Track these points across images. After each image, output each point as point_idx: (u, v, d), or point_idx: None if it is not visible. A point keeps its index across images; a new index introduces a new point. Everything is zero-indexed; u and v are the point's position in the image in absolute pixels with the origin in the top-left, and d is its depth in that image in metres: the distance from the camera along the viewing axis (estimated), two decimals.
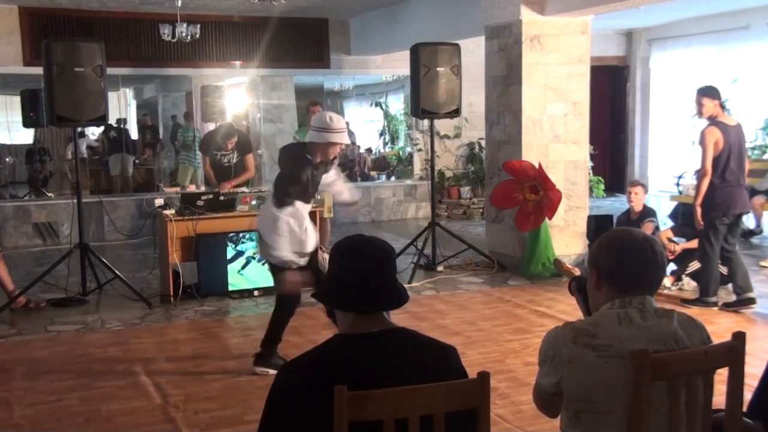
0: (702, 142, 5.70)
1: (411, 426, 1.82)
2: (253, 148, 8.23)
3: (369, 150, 16.73)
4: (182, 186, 12.73)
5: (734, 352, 2.07)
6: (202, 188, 10.11)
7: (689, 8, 10.06)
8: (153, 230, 7.62)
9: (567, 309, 5.80)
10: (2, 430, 3.91)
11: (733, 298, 5.88)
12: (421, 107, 7.44)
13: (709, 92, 5.77)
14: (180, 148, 13.54)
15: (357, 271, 1.99)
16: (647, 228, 6.52)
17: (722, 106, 5.87)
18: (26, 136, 15.56)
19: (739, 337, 2.08)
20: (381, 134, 16.71)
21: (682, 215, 8.39)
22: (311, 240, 4.54)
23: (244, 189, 7.43)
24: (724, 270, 5.99)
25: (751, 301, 5.75)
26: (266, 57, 11.03)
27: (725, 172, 5.65)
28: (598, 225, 7.01)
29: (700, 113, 5.82)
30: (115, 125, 13.56)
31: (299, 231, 4.45)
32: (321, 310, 5.17)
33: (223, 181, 7.64)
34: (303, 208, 4.54)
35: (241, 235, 6.43)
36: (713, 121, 5.71)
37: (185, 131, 13.51)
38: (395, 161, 14.72)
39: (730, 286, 6.04)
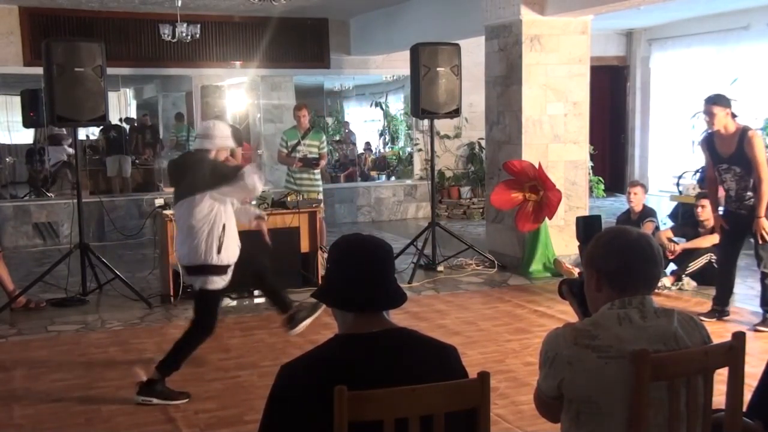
0: (753, 150, 5.18)
1: (411, 426, 1.82)
2: (242, 143, 8.23)
3: (368, 144, 16.70)
4: None
5: (734, 352, 2.07)
6: None
7: (689, 8, 10.06)
8: (153, 230, 7.63)
9: (567, 309, 5.76)
10: (2, 430, 3.91)
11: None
12: (421, 107, 7.44)
13: (719, 100, 5.28)
14: (173, 148, 13.54)
15: (356, 270, 1.98)
16: (647, 228, 6.53)
17: (733, 115, 5.34)
18: (26, 136, 15.56)
19: (739, 337, 2.08)
20: (381, 134, 16.72)
21: (682, 215, 8.40)
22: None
23: None
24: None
25: None
26: (266, 57, 11.03)
27: None
28: (586, 226, 7.00)
29: (711, 124, 5.32)
30: (122, 124, 13.60)
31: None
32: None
33: None
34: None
35: None
36: (747, 129, 5.27)
37: (179, 131, 13.52)
38: (395, 161, 14.72)
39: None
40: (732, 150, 5.32)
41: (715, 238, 6.14)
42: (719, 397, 2.11)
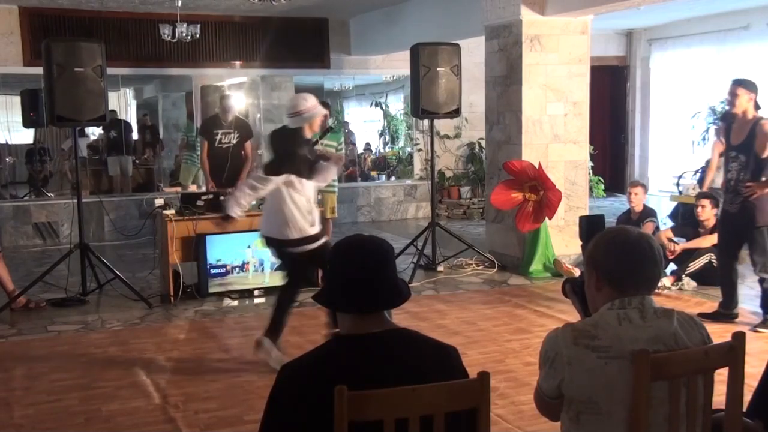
0: (763, 134, 5.10)
1: (411, 426, 1.82)
2: (252, 135, 8.28)
3: (368, 145, 16.70)
4: (184, 186, 12.72)
5: (734, 352, 2.07)
6: (203, 188, 10.12)
7: (689, 8, 10.06)
8: (153, 230, 7.63)
9: (567, 309, 5.79)
10: (2, 430, 3.91)
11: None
12: (421, 107, 7.44)
13: (746, 84, 5.19)
14: (183, 148, 13.53)
15: (354, 271, 1.99)
16: (647, 228, 6.53)
17: (757, 105, 5.25)
18: (26, 136, 15.55)
19: (739, 337, 2.08)
20: (381, 134, 16.71)
21: (682, 215, 8.40)
22: (316, 215, 4.74)
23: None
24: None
25: None
26: (266, 57, 11.04)
27: None
28: (589, 225, 6.99)
29: (732, 104, 5.23)
30: (128, 120, 13.64)
31: (307, 204, 4.64)
32: (321, 310, 5.16)
33: (219, 170, 7.66)
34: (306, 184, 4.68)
35: None
36: (761, 117, 5.18)
37: (188, 130, 13.49)
38: (395, 161, 14.72)
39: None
40: (743, 138, 5.27)
41: (714, 238, 6.14)
42: (719, 398, 2.11)
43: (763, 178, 5.18)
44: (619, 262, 2.05)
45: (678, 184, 9.45)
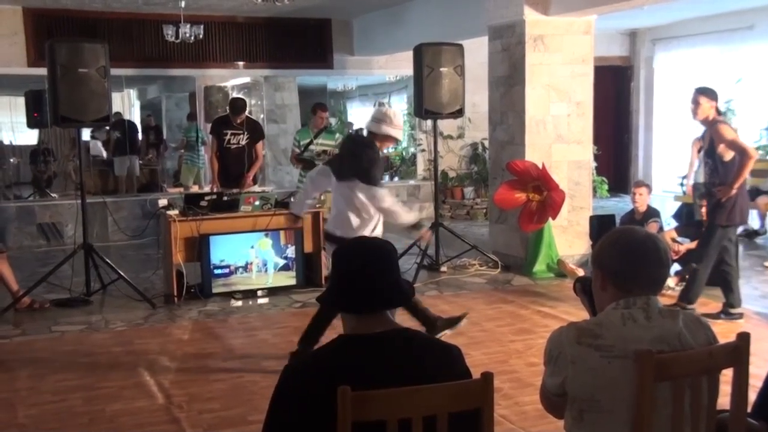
0: (722, 137, 5.35)
1: (414, 426, 1.82)
2: (264, 136, 8.30)
3: None
4: (185, 186, 12.74)
5: (739, 352, 2.06)
6: (206, 189, 10.13)
7: (693, 8, 10.04)
8: (157, 231, 7.64)
9: (570, 309, 5.79)
10: (6, 430, 3.92)
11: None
12: (424, 107, 7.43)
13: (708, 92, 5.48)
14: (184, 149, 13.55)
15: (356, 272, 2.00)
16: (651, 228, 6.50)
17: (718, 111, 5.55)
18: (30, 137, 15.58)
19: (744, 338, 2.07)
20: None
21: (686, 215, 8.39)
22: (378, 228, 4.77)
23: (255, 188, 7.51)
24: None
25: None
26: (269, 57, 11.04)
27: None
28: (600, 225, 6.99)
29: (695, 113, 5.49)
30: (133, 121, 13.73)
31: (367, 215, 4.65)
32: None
33: (230, 170, 7.66)
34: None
35: None
36: (717, 120, 5.47)
37: (188, 131, 13.51)
38: (398, 162, 14.71)
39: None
40: (707, 144, 5.58)
41: None
42: (724, 398, 2.10)
43: (729, 181, 5.38)
44: (623, 262, 2.05)
45: (682, 185, 9.44)
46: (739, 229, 7.52)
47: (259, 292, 6.51)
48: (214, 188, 7.79)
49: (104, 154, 13.04)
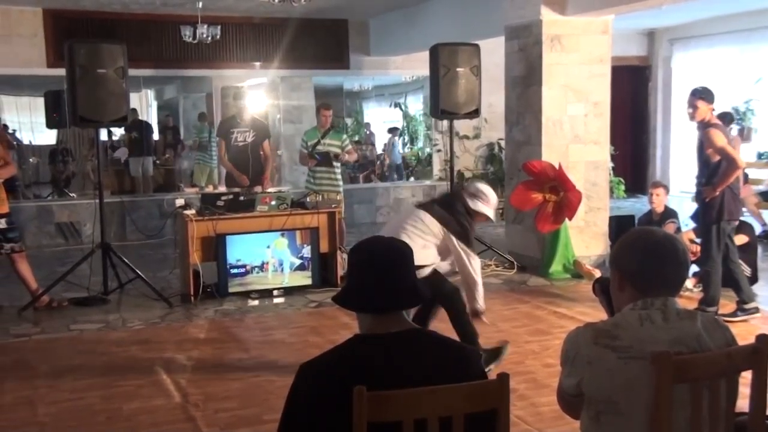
0: (712, 142, 5.47)
1: (430, 427, 1.82)
2: (270, 135, 8.32)
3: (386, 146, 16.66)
4: (199, 186, 12.81)
5: (758, 354, 2.04)
6: (221, 188, 10.17)
7: (711, 8, 9.96)
8: (174, 230, 7.68)
9: (587, 310, 5.76)
10: (26, 427, 3.96)
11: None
12: (440, 108, 7.42)
13: (704, 95, 5.51)
14: (196, 149, 13.65)
15: (371, 272, 2.00)
16: (669, 229, 6.46)
17: (724, 114, 5.69)
18: (49, 137, 15.74)
19: (763, 340, 2.05)
20: (400, 135, 16.71)
21: None
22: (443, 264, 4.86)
23: (270, 189, 7.53)
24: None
25: None
26: (286, 58, 11.07)
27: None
28: (619, 226, 6.96)
29: (692, 116, 5.55)
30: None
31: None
32: (340, 310, 5.17)
33: (238, 168, 7.69)
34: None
35: None
36: (711, 124, 5.52)
37: (200, 132, 13.60)
38: (414, 162, 14.71)
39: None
40: (697, 144, 5.70)
41: (738, 239, 6.10)
42: (743, 401, 2.08)
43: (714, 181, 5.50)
44: (640, 262, 2.03)
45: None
46: (758, 230, 7.48)
47: (275, 292, 6.53)
48: (243, 181, 7.72)
49: (125, 154, 13.17)
